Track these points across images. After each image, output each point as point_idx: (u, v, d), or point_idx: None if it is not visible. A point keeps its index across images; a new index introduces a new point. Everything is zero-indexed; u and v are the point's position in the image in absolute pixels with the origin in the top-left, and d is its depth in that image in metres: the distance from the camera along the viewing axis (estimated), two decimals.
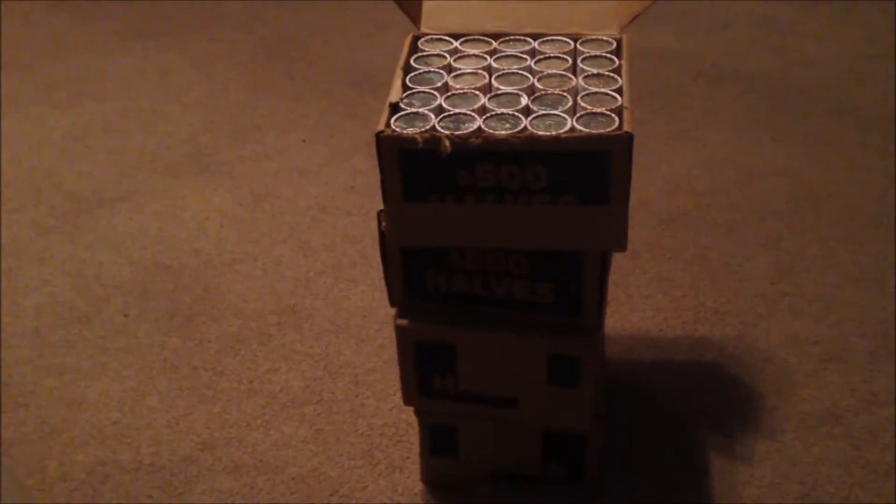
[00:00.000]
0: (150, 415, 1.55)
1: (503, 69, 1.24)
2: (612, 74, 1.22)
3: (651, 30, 2.54)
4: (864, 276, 1.77)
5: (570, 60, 1.26)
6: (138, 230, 1.97)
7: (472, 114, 1.15)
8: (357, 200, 2.03)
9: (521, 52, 1.28)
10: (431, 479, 1.43)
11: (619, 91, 1.19)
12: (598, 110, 1.15)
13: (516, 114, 1.15)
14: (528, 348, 1.26)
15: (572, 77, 1.22)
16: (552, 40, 1.30)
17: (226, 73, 2.54)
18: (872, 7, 2.70)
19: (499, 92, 1.20)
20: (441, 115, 1.16)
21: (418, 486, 1.42)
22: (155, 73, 2.56)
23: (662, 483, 1.42)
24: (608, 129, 1.11)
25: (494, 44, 1.30)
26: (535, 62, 1.26)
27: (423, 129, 1.12)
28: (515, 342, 1.26)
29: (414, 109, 1.17)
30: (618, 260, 1.61)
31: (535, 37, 1.30)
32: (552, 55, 1.27)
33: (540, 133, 1.11)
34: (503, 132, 1.12)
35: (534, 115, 1.15)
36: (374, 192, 1.17)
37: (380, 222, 1.22)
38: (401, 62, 1.25)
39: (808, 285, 1.76)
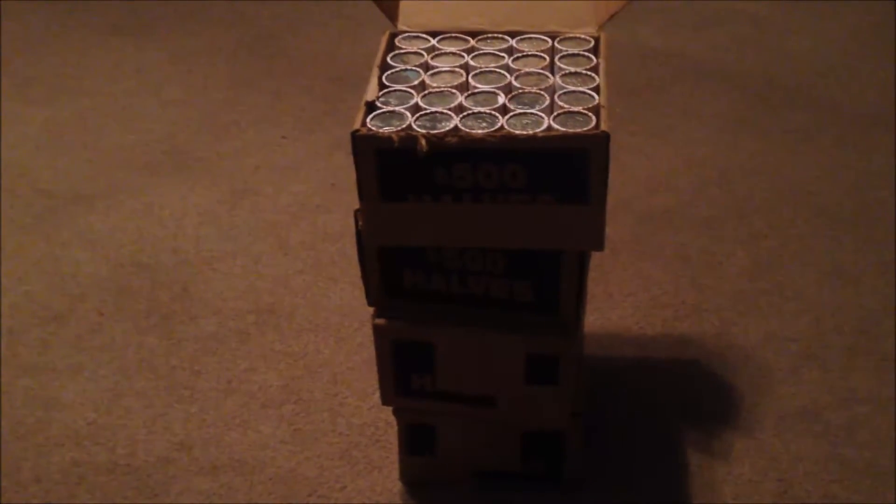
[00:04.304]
0: (127, 415, 1.54)
1: (480, 67, 1.24)
2: (589, 73, 1.22)
3: (633, 27, 2.54)
4: (842, 273, 1.78)
5: (548, 59, 1.25)
6: (115, 228, 1.96)
7: (449, 112, 1.15)
8: (337, 198, 2.02)
9: (499, 51, 1.27)
10: (410, 479, 1.42)
11: (597, 90, 1.18)
12: (576, 109, 1.14)
13: (493, 112, 1.15)
14: (506, 347, 1.26)
15: (550, 75, 1.22)
16: (530, 38, 1.29)
17: (205, 69, 2.53)
18: (854, 5, 2.71)
19: (476, 90, 1.20)
20: (417, 114, 1.15)
21: (397, 486, 1.42)
22: (133, 70, 2.54)
23: (641, 480, 1.42)
24: (585, 129, 1.11)
25: (472, 42, 1.29)
26: (513, 60, 1.25)
27: (399, 128, 1.12)
28: (493, 341, 1.26)
29: (390, 108, 1.16)
30: (598, 257, 1.61)
31: (512, 35, 1.29)
32: (530, 53, 1.26)
33: (517, 132, 1.11)
34: (480, 131, 1.11)
35: (511, 113, 1.15)
36: (354, 189, 1.16)
37: (357, 221, 1.21)
38: (377, 60, 1.25)
39: (787, 283, 1.76)
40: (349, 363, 1.62)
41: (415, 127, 1.12)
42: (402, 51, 1.28)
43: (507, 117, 1.14)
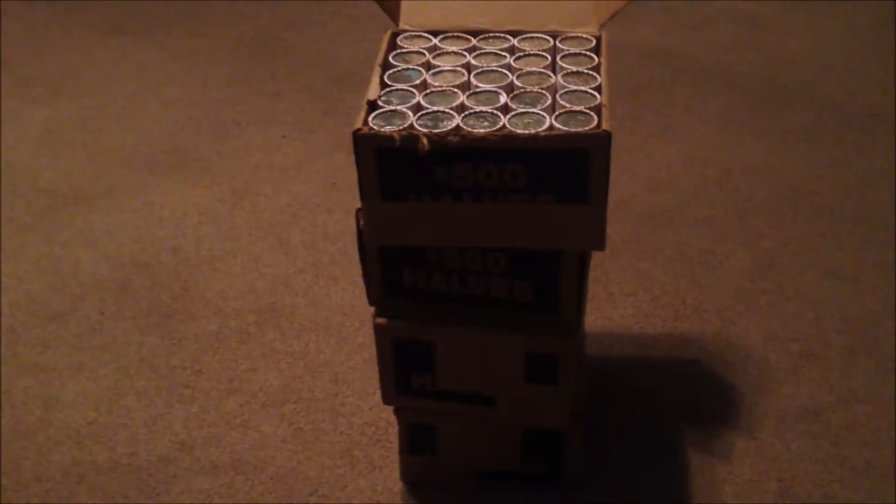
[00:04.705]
0: (127, 414, 1.54)
1: (482, 66, 1.24)
2: (591, 72, 1.22)
3: (633, 27, 2.53)
4: (842, 273, 1.78)
5: (550, 58, 1.25)
6: (116, 227, 1.95)
7: (451, 112, 1.15)
8: (337, 197, 2.02)
9: (501, 50, 1.27)
10: (411, 478, 1.42)
11: (598, 89, 1.18)
12: (577, 108, 1.14)
13: (495, 112, 1.15)
14: (506, 347, 1.26)
15: (551, 75, 1.22)
16: (532, 37, 1.29)
17: (205, 68, 2.52)
18: (853, 5, 2.71)
19: (477, 90, 1.20)
20: (419, 113, 1.15)
21: (398, 486, 1.42)
22: (133, 69, 2.54)
23: (641, 480, 1.42)
24: (587, 128, 1.11)
25: (473, 41, 1.29)
26: (515, 59, 1.25)
27: (400, 128, 1.12)
28: (494, 340, 1.26)
29: (392, 107, 1.16)
30: (598, 257, 1.61)
31: (514, 34, 1.29)
32: (531, 52, 1.26)
33: (518, 131, 1.11)
34: (481, 130, 1.11)
35: (512, 112, 1.15)
36: (354, 189, 1.17)
37: (358, 221, 1.21)
38: (379, 59, 1.25)
39: (787, 282, 1.76)
40: (350, 362, 1.62)
41: (416, 126, 1.12)
42: (403, 50, 1.28)
43: (508, 116, 1.14)
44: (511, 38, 1.29)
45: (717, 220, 1.92)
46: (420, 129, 1.12)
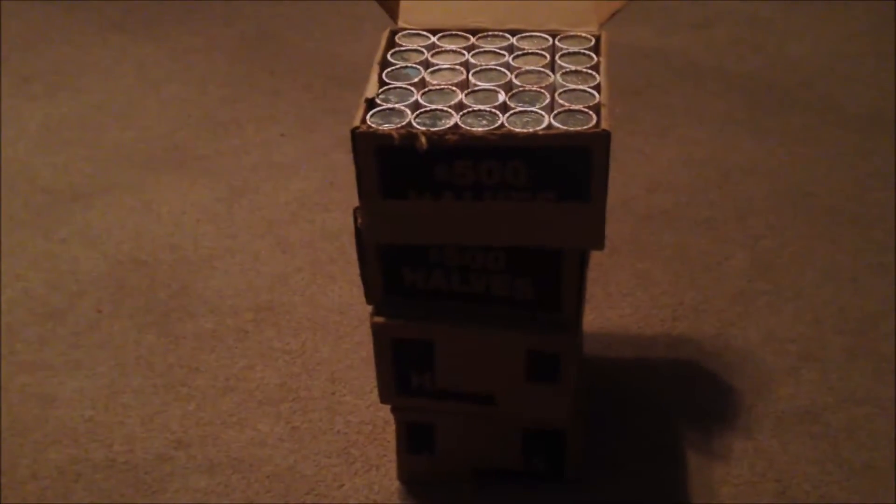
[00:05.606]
0: (124, 412, 1.54)
1: (481, 65, 1.23)
2: (590, 71, 1.21)
3: (632, 27, 2.53)
4: (841, 274, 1.78)
5: (549, 57, 1.25)
6: (114, 225, 1.95)
7: (449, 110, 1.15)
8: (336, 196, 2.01)
9: (499, 48, 1.27)
10: (409, 478, 1.42)
11: (598, 88, 1.18)
12: (576, 107, 1.14)
13: (493, 110, 1.14)
14: (506, 344, 1.25)
15: (550, 74, 1.22)
16: (530, 36, 1.29)
17: (204, 66, 2.52)
18: (854, 5, 2.71)
19: (476, 88, 1.19)
20: (418, 111, 1.15)
21: (395, 485, 1.42)
22: (132, 67, 2.53)
23: (640, 480, 1.42)
24: (586, 127, 1.10)
25: (472, 39, 1.29)
26: (513, 58, 1.25)
27: (399, 126, 1.11)
28: (494, 338, 1.25)
29: (390, 105, 1.16)
30: (597, 257, 1.60)
31: (513, 33, 1.29)
32: (530, 51, 1.26)
33: (517, 130, 1.10)
34: (480, 129, 1.11)
35: (511, 111, 1.14)
36: (352, 187, 1.16)
37: (356, 219, 1.21)
38: (377, 57, 1.25)
39: (786, 283, 1.76)
40: (347, 361, 1.62)
41: (415, 124, 1.12)
42: (402, 48, 1.27)
43: (507, 115, 1.13)
44: (510, 36, 1.29)
45: (717, 221, 1.92)
46: (418, 127, 1.11)
